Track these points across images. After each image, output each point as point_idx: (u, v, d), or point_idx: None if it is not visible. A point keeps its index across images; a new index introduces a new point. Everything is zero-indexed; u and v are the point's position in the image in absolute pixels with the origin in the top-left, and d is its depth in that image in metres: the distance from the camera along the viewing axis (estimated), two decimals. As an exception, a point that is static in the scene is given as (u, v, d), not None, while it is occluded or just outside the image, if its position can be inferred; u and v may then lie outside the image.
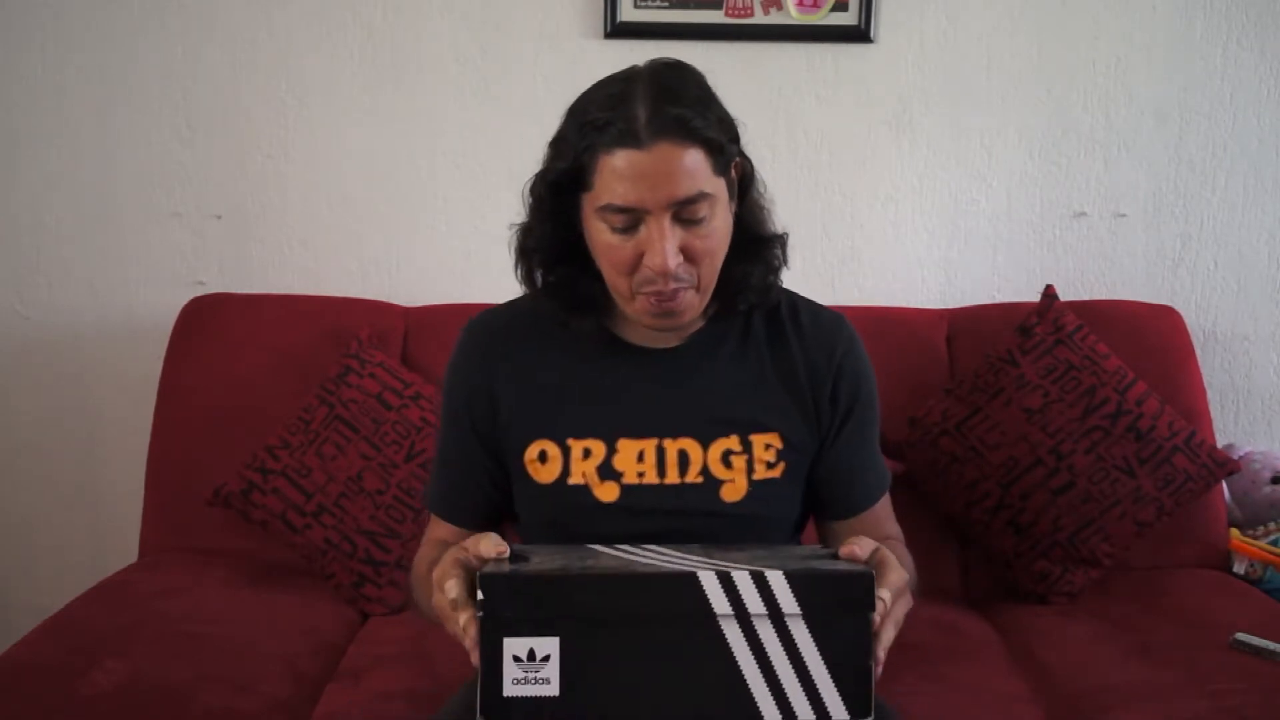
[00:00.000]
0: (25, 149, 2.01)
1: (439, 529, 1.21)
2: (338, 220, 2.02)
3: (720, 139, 1.06)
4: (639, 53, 1.96)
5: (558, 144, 1.10)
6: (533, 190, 1.13)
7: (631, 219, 1.05)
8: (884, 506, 1.22)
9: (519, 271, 1.17)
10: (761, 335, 1.19)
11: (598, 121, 1.03)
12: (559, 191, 1.09)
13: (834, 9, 1.93)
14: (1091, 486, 1.66)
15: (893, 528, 1.22)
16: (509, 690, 0.88)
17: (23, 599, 2.01)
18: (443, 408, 1.22)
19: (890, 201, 2.02)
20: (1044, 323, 1.76)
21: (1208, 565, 1.77)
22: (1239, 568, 1.76)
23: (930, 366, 1.82)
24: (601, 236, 1.07)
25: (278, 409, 1.74)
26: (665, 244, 1.04)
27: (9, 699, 1.29)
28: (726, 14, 1.94)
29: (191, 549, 1.76)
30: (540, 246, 1.14)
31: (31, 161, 2.01)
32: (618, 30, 1.93)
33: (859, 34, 1.94)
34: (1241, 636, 1.45)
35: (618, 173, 1.03)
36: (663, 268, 1.04)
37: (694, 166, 1.03)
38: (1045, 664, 1.49)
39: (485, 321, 1.22)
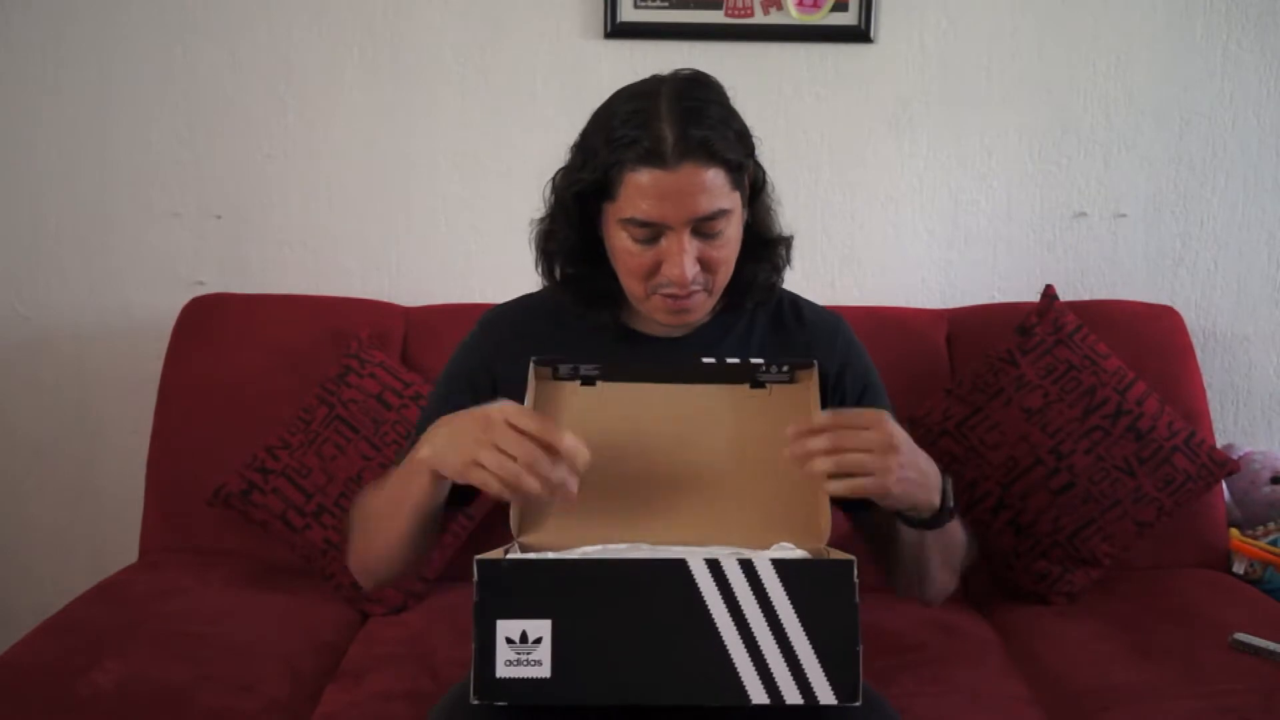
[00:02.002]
0: (25, 149, 2.00)
1: None
2: (338, 220, 2.02)
3: (739, 158, 1.11)
4: (639, 53, 1.99)
5: (583, 153, 1.15)
6: (556, 194, 1.19)
7: (653, 232, 1.11)
8: None
9: (539, 266, 1.23)
10: (764, 329, 1.26)
11: (625, 139, 1.08)
12: (583, 198, 1.15)
13: (834, 9, 1.93)
14: (1091, 486, 1.66)
15: None
16: (501, 672, 0.90)
17: (23, 599, 2.01)
18: (441, 378, 1.28)
19: (890, 201, 2.02)
20: (1044, 323, 1.76)
21: (1208, 565, 1.76)
22: (1239, 568, 1.76)
23: (930, 366, 1.82)
24: (622, 244, 1.13)
25: (278, 409, 1.74)
26: (684, 258, 1.10)
27: (9, 699, 1.29)
28: (726, 14, 1.94)
29: (191, 549, 1.76)
30: (562, 249, 1.20)
31: (31, 161, 2.01)
32: (618, 30, 1.93)
33: (859, 34, 1.94)
34: (1241, 636, 1.45)
35: (643, 190, 1.08)
36: (681, 279, 1.11)
37: (715, 185, 1.09)
38: (1045, 664, 1.49)
39: (499, 317, 1.28)
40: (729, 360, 1.15)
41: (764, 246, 1.22)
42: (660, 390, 1.14)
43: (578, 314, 1.23)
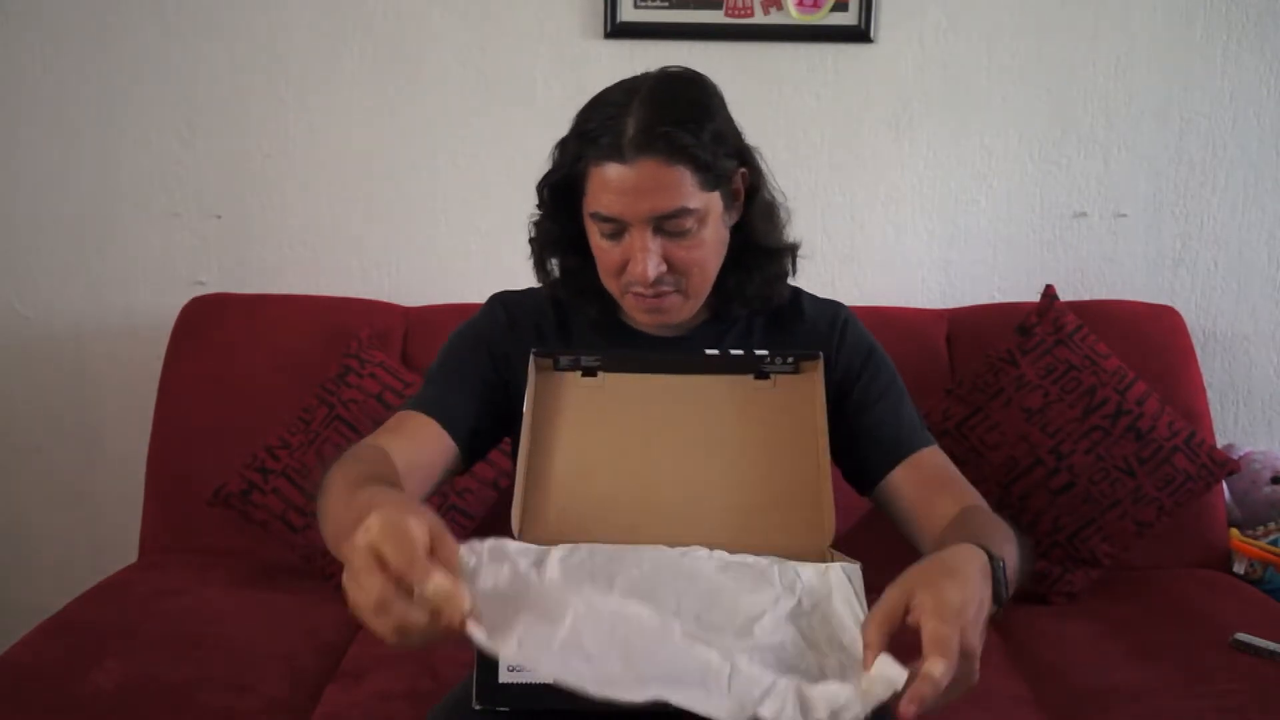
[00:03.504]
0: (25, 149, 2.01)
1: (414, 422, 1.15)
2: (338, 220, 2.02)
3: (708, 157, 1.08)
4: (639, 53, 1.99)
5: (561, 147, 1.14)
6: (538, 190, 1.19)
7: (617, 227, 1.10)
8: (934, 463, 1.20)
9: (533, 259, 1.23)
10: (763, 326, 1.25)
11: (593, 133, 1.08)
12: (561, 193, 1.14)
13: (834, 9, 1.93)
14: (1091, 486, 1.66)
15: (959, 490, 1.15)
16: (504, 677, 0.90)
17: (23, 599, 2.01)
18: (452, 339, 1.24)
19: (890, 201, 2.02)
20: (1044, 323, 1.76)
21: (1208, 565, 1.76)
22: (1239, 568, 1.75)
23: (930, 366, 1.82)
24: (594, 239, 1.13)
25: (278, 409, 1.74)
26: (645, 255, 1.09)
27: (9, 699, 1.29)
28: (726, 14, 1.94)
29: (191, 549, 1.76)
30: (549, 241, 1.20)
31: (31, 161, 2.01)
32: (618, 30, 1.93)
33: (859, 34, 1.94)
34: (1241, 636, 1.45)
35: (605, 184, 1.08)
36: (642, 277, 1.10)
37: (677, 183, 1.07)
38: (1045, 664, 1.49)
39: (510, 298, 1.27)
40: (733, 351, 1.14)
41: (755, 255, 1.19)
42: (662, 381, 1.13)
43: (573, 308, 1.23)
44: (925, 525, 1.13)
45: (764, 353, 1.12)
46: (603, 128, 1.07)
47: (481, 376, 1.21)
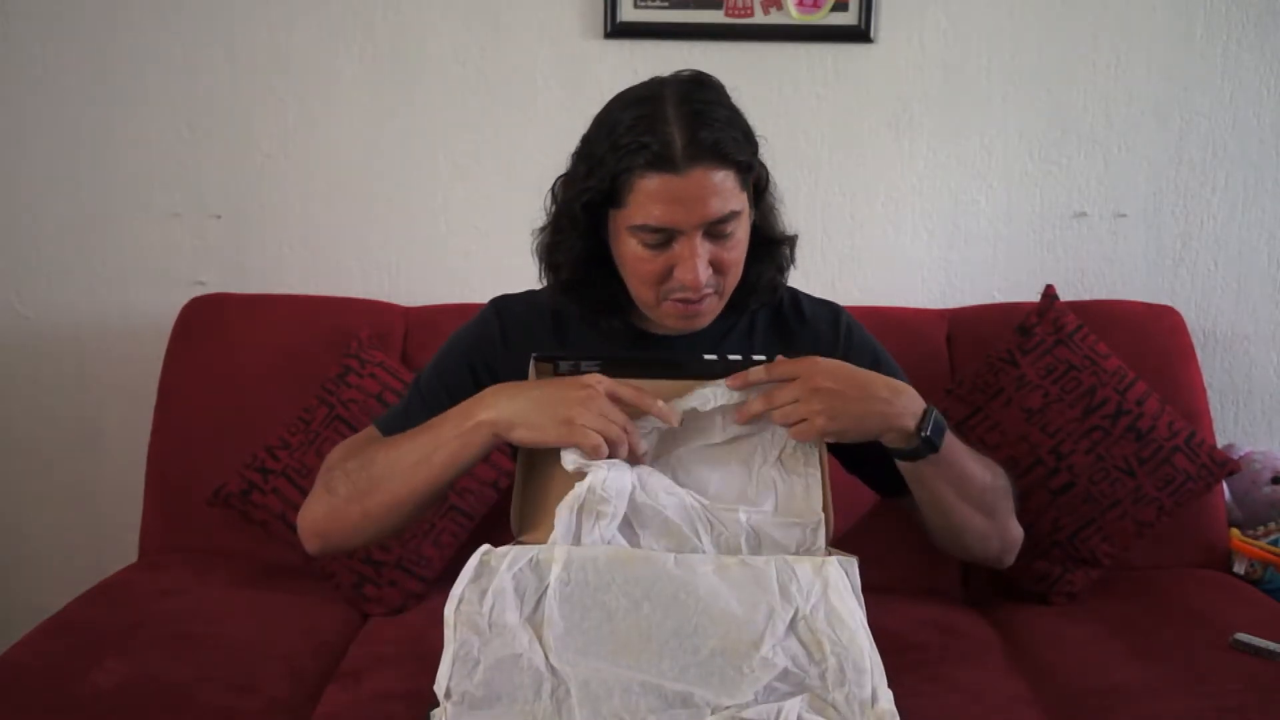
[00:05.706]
0: (25, 149, 2.01)
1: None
2: (338, 220, 2.02)
3: (747, 158, 1.10)
4: (639, 53, 1.99)
5: (587, 161, 1.13)
6: (562, 204, 1.17)
7: (663, 237, 1.10)
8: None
9: (545, 278, 1.22)
10: (765, 324, 1.26)
11: (632, 145, 1.07)
12: (590, 207, 1.13)
13: (834, 9, 1.93)
14: (1091, 486, 1.66)
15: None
16: None
17: (23, 599, 2.01)
18: (442, 352, 1.27)
19: (890, 201, 2.02)
20: (1044, 323, 1.76)
21: (1208, 565, 1.76)
22: (1239, 568, 1.75)
23: (930, 366, 1.82)
24: (632, 251, 1.12)
25: (278, 409, 1.74)
26: (697, 261, 1.09)
27: (9, 699, 1.29)
28: (726, 14, 1.94)
29: (191, 549, 1.76)
30: (568, 259, 1.18)
31: (31, 161, 2.01)
32: (618, 30, 1.93)
33: (859, 34, 1.94)
34: (1241, 636, 1.45)
35: (653, 195, 1.07)
36: (695, 283, 1.10)
37: (725, 187, 1.08)
38: (1045, 664, 1.48)
39: (510, 304, 1.27)
40: (730, 357, 1.14)
41: (769, 246, 1.21)
42: (661, 386, 1.13)
43: (589, 321, 1.22)
44: None
45: (761, 357, 1.13)
46: (644, 139, 1.06)
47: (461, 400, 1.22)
